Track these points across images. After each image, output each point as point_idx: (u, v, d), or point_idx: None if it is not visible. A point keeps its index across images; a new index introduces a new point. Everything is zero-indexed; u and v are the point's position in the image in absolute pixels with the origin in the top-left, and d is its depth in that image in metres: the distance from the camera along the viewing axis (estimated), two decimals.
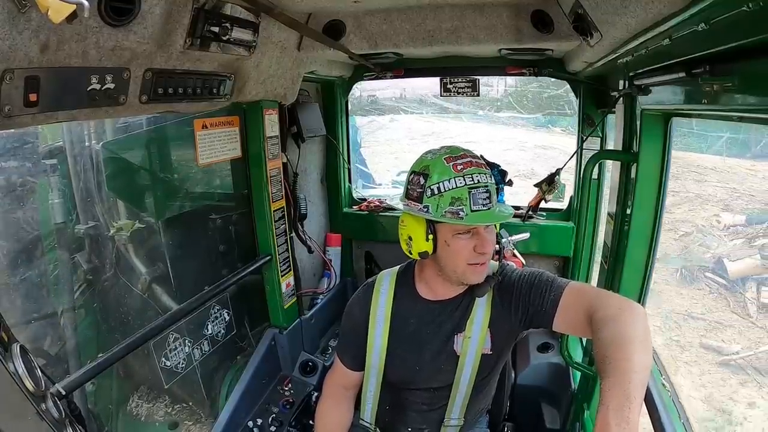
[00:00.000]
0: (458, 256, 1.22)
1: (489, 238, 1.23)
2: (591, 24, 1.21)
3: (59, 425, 0.75)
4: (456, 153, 1.23)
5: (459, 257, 1.22)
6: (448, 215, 1.18)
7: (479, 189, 1.19)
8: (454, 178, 1.19)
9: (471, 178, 1.19)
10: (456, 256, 1.23)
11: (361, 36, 1.70)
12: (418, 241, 1.24)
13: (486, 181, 1.21)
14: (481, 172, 1.21)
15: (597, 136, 2.08)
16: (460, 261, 1.23)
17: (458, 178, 1.19)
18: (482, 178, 1.20)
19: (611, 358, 0.88)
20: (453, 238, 1.22)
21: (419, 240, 1.24)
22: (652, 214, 1.45)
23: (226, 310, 2.00)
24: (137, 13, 0.99)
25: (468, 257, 1.22)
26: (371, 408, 1.44)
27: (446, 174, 1.19)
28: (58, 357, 1.69)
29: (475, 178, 1.19)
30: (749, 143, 6.87)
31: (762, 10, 0.63)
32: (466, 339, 1.30)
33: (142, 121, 1.94)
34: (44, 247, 1.70)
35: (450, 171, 1.20)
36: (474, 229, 1.21)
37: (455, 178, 1.19)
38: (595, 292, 1.18)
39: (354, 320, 1.42)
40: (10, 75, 0.84)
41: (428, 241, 1.23)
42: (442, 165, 1.21)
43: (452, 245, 1.22)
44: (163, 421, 2.01)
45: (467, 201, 1.17)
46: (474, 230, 1.21)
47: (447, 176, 1.19)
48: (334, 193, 2.63)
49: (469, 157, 1.23)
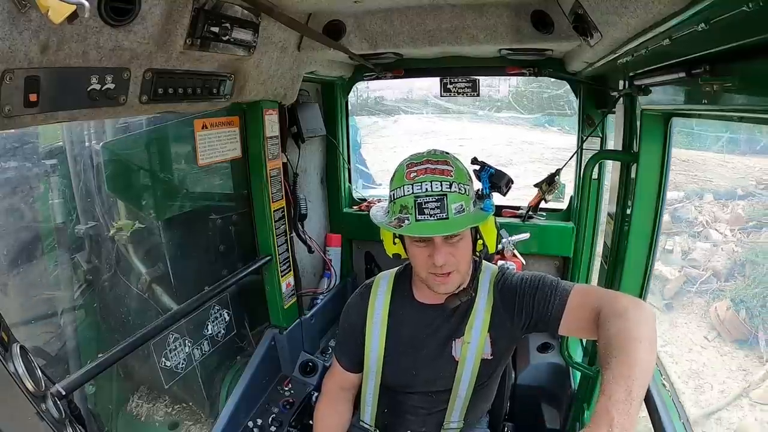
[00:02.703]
0: (416, 263, 1.23)
1: (447, 249, 1.16)
2: (591, 24, 1.21)
3: (59, 425, 0.75)
4: (418, 159, 1.20)
5: (417, 265, 1.23)
6: (394, 222, 1.16)
7: (428, 198, 1.13)
8: (404, 186, 1.16)
9: (420, 187, 1.14)
10: (415, 264, 1.24)
11: (361, 36, 1.70)
12: (388, 243, 1.36)
13: (440, 189, 1.13)
14: (437, 180, 1.14)
15: (597, 136, 2.08)
16: (420, 269, 1.23)
17: (407, 186, 1.16)
18: (435, 186, 1.14)
19: (617, 353, 0.87)
20: (410, 245, 1.22)
21: (388, 243, 1.35)
22: (652, 214, 1.45)
23: (226, 310, 2.00)
24: (137, 13, 0.99)
25: (425, 266, 1.20)
26: (370, 410, 1.43)
27: (400, 182, 1.18)
28: (58, 357, 1.68)
29: (425, 186, 1.14)
30: (739, 142, 7.06)
31: (762, 10, 0.63)
32: (466, 344, 1.28)
33: (142, 122, 1.94)
34: (44, 247, 1.70)
35: (403, 179, 1.17)
36: (428, 239, 1.17)
37: (404, 186, 1.16)
38: (602, 291, 1.17)
39: (351, 323, 1.41)
40: (10, 75, 0.84)
41: (395, 245, 1.29)
42: (401, 172, 1.20)
43: (410, 252, 1.24)
44: (163, 421, 2.01)
45: (413, 210, 1.14)
46: (428, 240, 1.17)
47: (400, 184, 1.18)
48: (334, 193, 2.63)
49: (430, 164, 1.17)
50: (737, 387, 4.60)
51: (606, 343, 0.93)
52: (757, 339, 4.94)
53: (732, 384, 4.66)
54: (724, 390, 4.63)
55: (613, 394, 0.80)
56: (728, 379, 4.73)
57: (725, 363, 4.94)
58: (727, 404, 4.49)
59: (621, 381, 0.81)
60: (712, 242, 6.01)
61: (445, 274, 1.19)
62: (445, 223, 1.13)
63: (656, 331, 0.97)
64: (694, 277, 5.69)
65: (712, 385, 4.68)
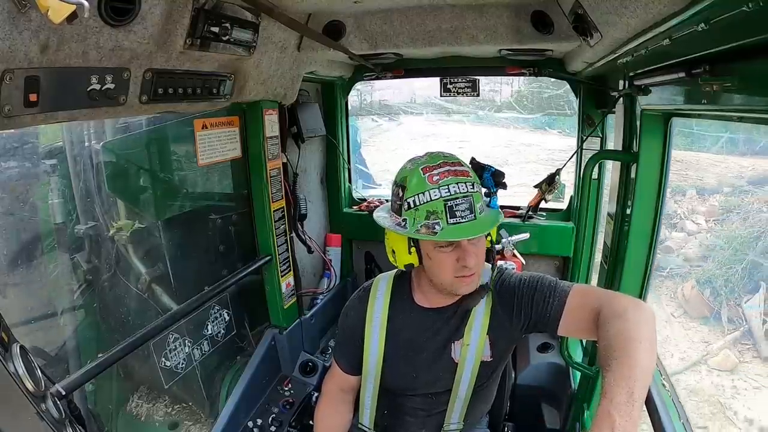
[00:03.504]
0: (442, 269, 1.18)
1: (473, 249, 1.16)
2: (591, 24, 1.21)
3: (59, 425, 0.75)
4: (434, 162, 1.16)
5: (443, 270, 1.18)
6: (423, 230, 1.13)
7: (457, 200, 1.12)
8: (429, 191, 1.12)
9: (447, 190, 1.12)
10: (440, 270, 1.18)
11: (361, 36, 1.70)
12: (401, 254, 1.22)
13: (466, 190, 1.13)
14: (461, 181, 1.14)
15: (597, 136, 2.08)
16: (446, 274, 1.18)
17: (433, 190, 1.12)
18: (461, 188, 1.13)
19: (617, 354, 0.87)
20: (434, 252, 1.17)
21: (402, 253, 1.22)
22: (652, 214, 1.45)
23: (226, 310, 2.00)
24: (137, 13, 0.99)
25: (452, 270, 1.17)
26: (369, 413, 1.43)
27: (421, 186, 1.13)
28: (58, 357, 1.68)
29: (452, 189, 1.12)
30: (737, 142, 7.14)
31: (762, 10, 0.63)
32: (465, 346, 1.27)
33: (142, 122, 1.94)
34: (44, 247, 1.70)
35: (425, 183, 1.13)
36: (456, 242, 1.15)
37: (430, 191, 1.12)
38: (602, 291, 1.17)
39: (350, 325, 1.40)
40: (10, 75, 0.84)
41: (411, 254, 1.20)
42: (419, 176, 1.15)
43: (434, 259, 1.18)
44: (163, 421, 2.01)
45: (443, 215, 1.11)
46: (456, 243, 1.15)
47: (422, 188, 1.13)
48: (334, 193, 2.63)
49: (448, 165, 1.16)
50: (696, 355, 4.97)
51: (606, 344, 0.92)
52: (719, 315, 5.26)
53: (692, 353, 5.02)
54: (684, 358, 4.98)
55: (615, 397, 0.79)
56: (689, 350, 5.07)
57: (688, 336, 5.27)
58: (686, 368, 4.85)
59: (622, 383, 0.81)
60: (686, 232, 6.39)
61: (471, 275, 1.18)
62: (475, 224, 1.14)
63: (656, 330, 0.97)
64: (666, 262, 6.00)
65: (672, 354, 5.00)
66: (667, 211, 6.60)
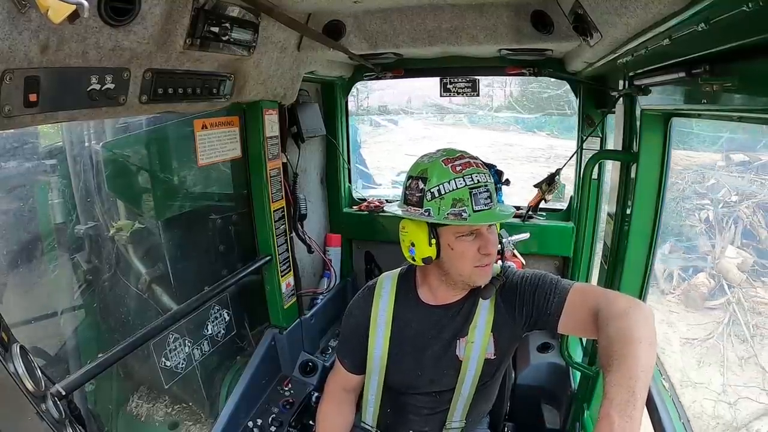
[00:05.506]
0: (463, 258, 1.21)
1: (492, 238, 1.22)
2: (591, 24, 1.21)
3: (59, 425, 0.75)
4: (453, 155, 1.23)
5: (464, 260, 1.21)
6: (451, 217, 1.17)
7: (480, 189, 1.18)
8: (454, 179, 1.18)
9: (471, 179, 1.18)
10: (461, 259, 1.21)
11: (361, 36, 1.70)
12: (421, 246, 1.22)
13: (486, 180, 1.21)
14: (480, 172, 1.21)
15: (597, 136, 2.08)
16: (466, 264, 1.22)
17: (458, 179, 1.18)
18: (482, 178, 1.20)
19: (617, 354, 0.88)
20: (456, 241, 1.20)
21: (422, 245, 1.21)
22: (652, 214, 1.45)
23: (226, 310, 2.00)
24: (137, 13, 0.99)
25: (473, 259, 1.21)
26: (373, 411, 1.43)
27: (446, 176, 1.18)
28: (58, 357, 1.68)
29: (475, 178, 1.19)
30: (715, 140, 7.24)
31: (762, 10, 0.63)
32: (469, 344, 1.29)
33: (142, 122, 1.94)
34: (44, 247, 1.70)
35: (449, 173, 1.19)
36: (477, 231, 1.20)
37: (455, 179, 1.18)
38: (601, 291, 1.18)
39: (354, 324, 1.41)
40: (10, 75, 0.84)
41: (431, 246, 1.20)
42: (441, 167, 1.20)
43: (456, 248, 1.21)
44: (163, 421, 2.00)
45: (469, 201, 1.17)
46: (477, 231, 1.20)
47: (447, 178, 1.18)
48: (334, 193, 2.63)
49: (467, 158, 1.23)
50: None
51: (606, 344, 0.93)
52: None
53: None
54: None
55: (615, 398, 0.80)
56: None
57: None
58: None
59: (623, 383, 0.82)
60: None
61: (488, 264, 1.23)
62: (495, 212, 1.20)
63: (655, 330, 0.97)
64: None
65: None
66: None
